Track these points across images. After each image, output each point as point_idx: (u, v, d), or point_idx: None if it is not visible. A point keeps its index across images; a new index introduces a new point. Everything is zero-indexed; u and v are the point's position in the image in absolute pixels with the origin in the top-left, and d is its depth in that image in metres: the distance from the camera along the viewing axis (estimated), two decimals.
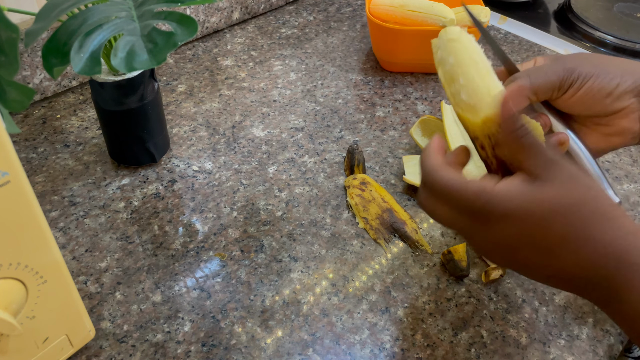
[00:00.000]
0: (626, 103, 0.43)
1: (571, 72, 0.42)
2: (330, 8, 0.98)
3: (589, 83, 0.42)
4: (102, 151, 0.66)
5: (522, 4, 1.04)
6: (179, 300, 0.50)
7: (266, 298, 0.51)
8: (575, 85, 0.43)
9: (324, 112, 0.74)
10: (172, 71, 0.80)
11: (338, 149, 0.68)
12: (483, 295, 0.52)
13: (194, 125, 0.70)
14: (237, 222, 0.58)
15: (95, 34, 0.45)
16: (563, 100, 0.44)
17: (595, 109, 0.43)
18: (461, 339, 0.48)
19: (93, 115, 0.71)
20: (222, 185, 0.62)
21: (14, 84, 0.41)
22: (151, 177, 0.63)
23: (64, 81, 0.75)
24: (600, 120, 0.45)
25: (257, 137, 0.69)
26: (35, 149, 0.66)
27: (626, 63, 0.44)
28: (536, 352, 0.48)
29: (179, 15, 0.46)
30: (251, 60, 0.83)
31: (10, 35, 0.38)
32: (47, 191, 0.60)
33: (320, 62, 0.84)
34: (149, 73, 0.58)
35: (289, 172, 0.64)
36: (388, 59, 0.81)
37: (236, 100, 0.75)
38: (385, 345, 0.48)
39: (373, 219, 0.58)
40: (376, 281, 0.53)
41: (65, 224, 0.57)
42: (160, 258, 0.54)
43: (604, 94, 0.42)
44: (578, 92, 0.43)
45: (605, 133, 0.45)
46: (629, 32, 0.92)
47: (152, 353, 0.46)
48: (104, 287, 0.51)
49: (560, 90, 0.43)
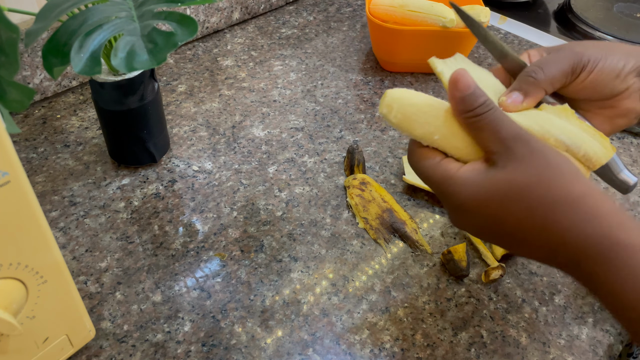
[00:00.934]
0: (629, 83, 0.43)
1: (581, 57, 0.42)
2: (330, 8, 0.98)
3: (599, 65, 0.42)
4: (102, 151, 0.66)
5: (522, 4, 1.04)
6: (179, 300, 0.50)
7: (266, 298, 0.51)
8: (587, 68, 0.42)
9: (324, 112, 0.74)
10: (172, 71, 0.80)
11: (338, 149, 0.68)
12: (483, 295, 0.52)
13: (194, 125, 0.70)
14: (237, 222, 0.58)
15: (95, 34, 0.45)
16: (575, 85, 0.43)
17: (604, 91, 0.43)
18: (461, 339, 0.48)
19: (93, 115, 0.71)
20: (222, 185, 0.62)
21: (14, 84, 0.41)
22: (151, 177, 0.63)
23: (64, 81, 0.75)
24: (605, 104, 0.44)
25: (257, 137, 0.69)
26: (35, 149, 0.66)
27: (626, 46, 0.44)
28: (536, 352, 0.48)
29: (179, 15, 0.46)
30: (251, 60, 0.84)
31: (11, 36, 0.38)
32: (47, 191, 0.60)
33: (320, 62, 0.84)
34: (149, 73, 0.58)
35: (289, 172, 0.64)
36: (388, 59, 0.81)
37: (236, 100, 0.75)
38: (385, 345, 0.48)
39: (373, 219, 0.58)
40: (376, 281, 0.53)
41: (65, 224, 0.57)
42: (160, 258, 0.54)
43: (614, 75, 0.42)
44: (590, 76, 0.42)
45: (610, 115, 0.44)
46: (629, 32, 0.92)
47: (152, 353, 0.46)
48: (104, 287, 0.51)
49: (573, 75, 0.42)
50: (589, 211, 0.33)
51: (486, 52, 0.87)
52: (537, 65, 0.42)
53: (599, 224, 0.32)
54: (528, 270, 0.55)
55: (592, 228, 0.33)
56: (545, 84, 0.42)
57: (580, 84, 0.43)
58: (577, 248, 0.33)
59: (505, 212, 0.35)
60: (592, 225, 0.33)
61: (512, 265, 0.55)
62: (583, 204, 0.33)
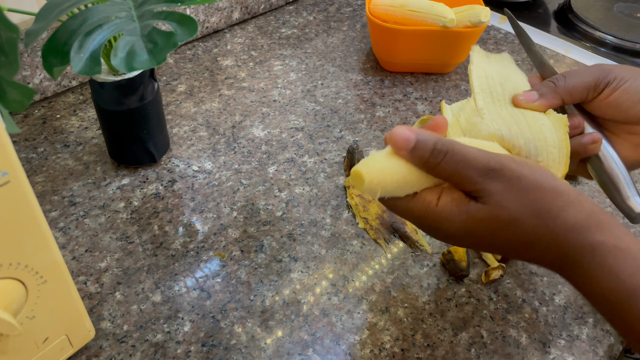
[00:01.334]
0: None
1: (607, 73, 0.42)
2: (330, 8, 0.98)
3: (626, 85, 0.42)
4: (102, 151, 0.66)
5: (522, 4, 1.04)
6: (179, 300, 0.50)
7: (266, 298, 0.51)
8: (611, 85, 0.42)
9: (324, 112, 0.74)
10: (172, 71, 0.80)
11: (338, 149, 0.68)
12: (483, 295, 0.52)
13: (194, 125, 0.70)
14: (237, 222, 0.58)
15: (95, 34, 0.45)
16: (598, 101, 0.43)
17: (629, 113, 0.43)
18: (461, 339, 0.48)
19: (93, 115, 0.71)
20: (222, 185, 0.62)
21: (14, 84, 0.41)
22: (151, 177, 0.63)
23: (64, 81, 0.75)
24: (632, 129, 0.44)
25: (257, 137, 0.69)
26: (35, 149, 0.66)
27: None
28: (536, 352, 0.48)
29: (179, 15, 0.46)
30: (251, 60, 0.83)
31: (11, 35, 0.38)
32: (47, 191, 0.60)
33: (320, 62, 0.84)
34: (148, 73, 0.58)
35: (289, 172, 0.64)
36: (388, 59, 0.81)
37: (236, 100, 0.75)
38: (385, 346, 0.48)
39: (373, 219, 0.58)
40: (376, 281, 0.53)
41: (65, 224, 0.57)
42: (160, 258, 0.54)
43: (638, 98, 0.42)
44: (614, 93, 0.42)
45: (636, 143, 0.44)
46: (629, 32, 0.92)
47: (152, 353, 0.46)
48: (104, 287, 0.51)
49: (595, 90, 0.43)
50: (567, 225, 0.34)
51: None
52: (563, 74, 0.44)
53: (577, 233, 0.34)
54: (528, 271, 0.55)
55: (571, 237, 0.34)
56: (563, 92, 0.43)
57: (604, 100, 0.43)
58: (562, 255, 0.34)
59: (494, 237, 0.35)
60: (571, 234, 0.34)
61: (512, 266, 0.55)
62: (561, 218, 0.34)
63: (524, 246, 0.35)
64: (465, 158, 0.34)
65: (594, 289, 0.34)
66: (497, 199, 0.34)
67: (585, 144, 0.43)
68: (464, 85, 0.80)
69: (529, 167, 0.35)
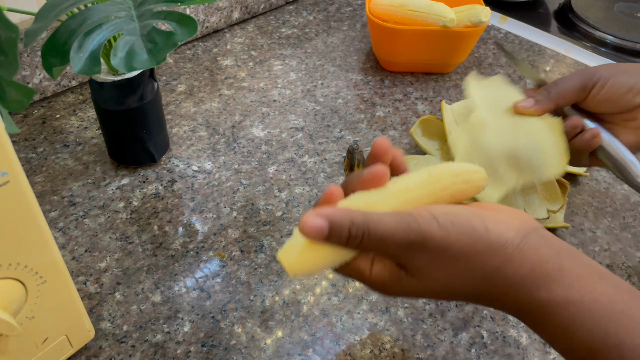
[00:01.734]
0: None
1: (592, 75, 0.49)
2: (330, 8, 0.98)
3: (610, 82, 0.48)
4: (102, 151, 0.66)
5: (523, 3, 1.04)
6: (179, 301, 0.50)
7: (266, 298, 0.51)
8: (598, 84, 0.48)
9: (324, 112, 0.74)
10: (172, 71, 0.80)
11: (338, 149, 0.68)
12: None
13: (194, 125, 0.70)
14: (237, 222, 0.58)
15: (94, 34, 0.45)
16: (590, 99, 0.49)
17: (620, 104, 0.48)
18: (461, 339, 0.48)
19: (93, 115, 0.71)
20: (222, 185, 0.62)
21: (13, 84, 0.40)
22: (151, 177, 0.63)
23: (64, 81, 0.74)
24: (627, 116, 0.49)
25: (257, 137, 0.69)
26: (34, 149, 0.66)
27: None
28: (536, 352, 0.48)
29: (179, 15, 0.46)
30: (251, 60, 0.83)
31: (10, 35, 0.38)
32: (46, 191, 0.60)
33: (320, 62, 0.84)
34: (148, 73, 0.58)
35: (289, 172, 0.64)
36: (388, 59, 0.81)
37: (236, 100, 0.75)
38: (386, 346, 0.48)
39: None
40: None
41: (64, 224, 0.57)
42: (160, 258, 0.54)
43: (625, 90, 0.48)
44: (602, 91, 0.48)
45: (634, 127, 0.49)
46: (629, 32, 0.92)
47: (152, 353, 0.46)
48: (104, 288, 0.51)
49: (585, 91, 0.49)
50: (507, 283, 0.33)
51: (486, 52, 0.87)
52: (554, 81, 0.51)
53: (520, 290, 0.32)
54: None
55: (515, 294, 0.33)
56: (556, 96, 0.50)
57: (595, 98, 0.49)
58: (513, 311, 0.34)
59: (440, 297, 0.36)
60: (514, 291, 0.32)
61: None
62: (500, 278, 0.33)
63: (474, 301, 0.35)
64: (383, 236, 0.32)
65: (554, 345, 0.33)
66: (426, 272, 0.33)
67: (587, 140, 0.49)
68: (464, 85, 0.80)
69: (456, 229, 0.32)
